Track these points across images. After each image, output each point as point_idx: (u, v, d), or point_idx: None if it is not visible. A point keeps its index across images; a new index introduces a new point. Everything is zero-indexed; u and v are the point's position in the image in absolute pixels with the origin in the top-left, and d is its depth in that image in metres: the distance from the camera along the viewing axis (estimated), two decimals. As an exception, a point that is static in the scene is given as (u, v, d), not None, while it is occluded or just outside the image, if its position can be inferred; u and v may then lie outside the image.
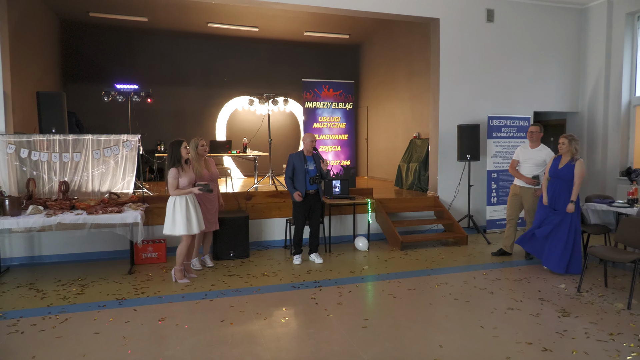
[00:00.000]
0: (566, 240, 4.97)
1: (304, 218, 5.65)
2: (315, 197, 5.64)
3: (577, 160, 4.98)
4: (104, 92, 7.90)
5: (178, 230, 4.69)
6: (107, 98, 7.88)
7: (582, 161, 4.99)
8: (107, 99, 7.89)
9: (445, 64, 7.51)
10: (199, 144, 5.23)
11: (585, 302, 4.20)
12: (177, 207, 4.69)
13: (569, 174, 4.96)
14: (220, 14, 9.48)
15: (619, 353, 3.16)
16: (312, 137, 5.63)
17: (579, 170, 4.93)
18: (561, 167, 5.05)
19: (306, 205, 5.60)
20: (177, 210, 4.69)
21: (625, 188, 7.04)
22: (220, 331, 3.58)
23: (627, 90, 7.83)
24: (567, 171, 4.98)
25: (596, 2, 8.01)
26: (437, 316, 3.92)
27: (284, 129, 11.95)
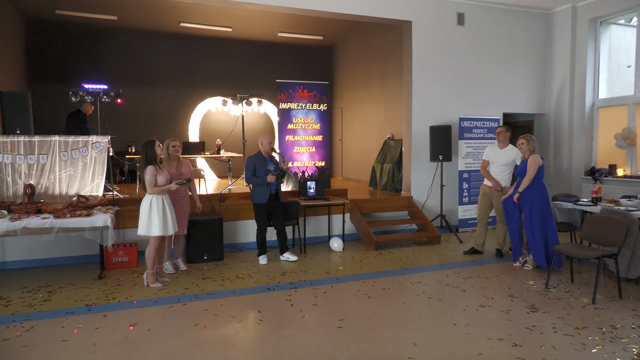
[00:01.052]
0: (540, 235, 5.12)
1: (265, 219, 5.70)
2: (276, 197, 5.71)
3: (531, 155, 5.16)
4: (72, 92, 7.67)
5: (154, 230, 4.60)
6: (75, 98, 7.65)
7: (535, 155, 5.17)
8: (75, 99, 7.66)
9: (417, 66, 7.63)
10: (170, 144, 5.16)
11: (552, 298, 4.34)
12: (154, 207, 4.60)
13: (525, 170, 5.15)
14: (193, 13, 9.35)
15: (585, 346, 3.28)
16: (270, 137, 5.72)
17: (530, 162, 5.12)
18: (521, 165, 5.29)
19: (268, 207, 5.66)
20: (153, 210, 4.60)
21: (589, 187, 7.31)
22: (194, 335, 3.53)
23: (590, 93, 8.13)
24: (524, 167, 5.19)
25: (561, 7, 8.29)
26: (411, 315, 3.97)
27: (258, 130, 11.88)
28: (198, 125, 11.44)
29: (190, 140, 11.07)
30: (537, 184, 5.16)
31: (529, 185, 5.15)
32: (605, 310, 4.00)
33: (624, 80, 8.08)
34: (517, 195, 5.19)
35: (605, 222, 4.50)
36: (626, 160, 7.61)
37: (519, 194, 5.17)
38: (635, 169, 7.49)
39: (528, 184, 5.12)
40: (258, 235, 5.73)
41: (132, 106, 10.56)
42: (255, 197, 5.65)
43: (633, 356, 3.11)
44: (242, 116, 8.43)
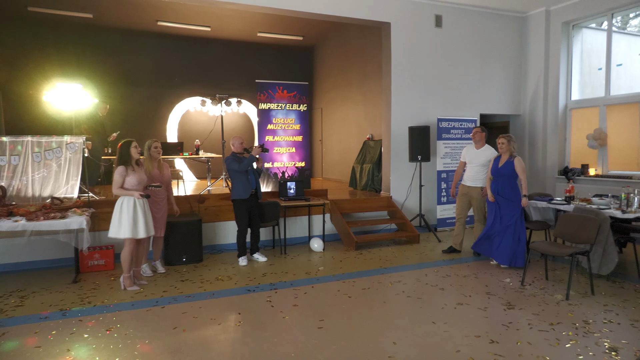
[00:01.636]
0: (512, 235, 5.25)
1: (247, 219, 5.70)
2: (255, 197, 5.72)
3: (515, 158, 5.28)
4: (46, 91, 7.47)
5: (123, 233, 4.52)
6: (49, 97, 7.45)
7: (519, 158, 5.30)
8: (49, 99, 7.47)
9: (396, 67, 7.70)
10: (152, 145, 5.08)
11: (528, 295, 4.43)
12: (124, 209, 4.52)
13: (509, 171, 5.26)
14: (170, 12, 9.23)
15: (559, 341, 3.36)
16: (240, 138, 5.74)
17: (519, 166, 5.24)
18: (501, 165, 5.35)
19: (248, 206, 5.66)
20: (123, 211, 4.52)
21: (563, 186, 7.50)
22: (173, 338, 3.48)
23: (563, 95, 8.35)
24: (508, 168, 5.28)
25: (535, 10, 8.49)
26: (391, 314, 4.00)
27: (237, 130, 11.80)
28: (176, 126, 11.29)
29: (168, 140, 10.91)
30: (516, 185, 5.29)
31: (510, 188, 5.27)
32: (578, 306, 4.11)
33: (595, 82, 8.32)
34: (525, 201, 5.23)
35: (578, 220, 4.63)
36: (597, 160, 7.84)
37: (525, 197, 5.23)
38: (606, 169, 7.72)
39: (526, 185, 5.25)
40: (239, 236, 5.70)
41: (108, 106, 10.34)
42: (235, 193, 5.61)
43: (605, 350, 3.20)
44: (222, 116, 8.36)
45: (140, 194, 4.57)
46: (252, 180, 5.69)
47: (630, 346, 3.26)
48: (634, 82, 7.64)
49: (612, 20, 7.62)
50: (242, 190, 5.59)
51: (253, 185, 5.69)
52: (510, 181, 5.30)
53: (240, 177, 5.58)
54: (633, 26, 8.81)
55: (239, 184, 5.60)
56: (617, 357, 3.10)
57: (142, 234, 4.62)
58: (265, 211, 6.07)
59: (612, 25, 7.62)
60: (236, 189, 5.62)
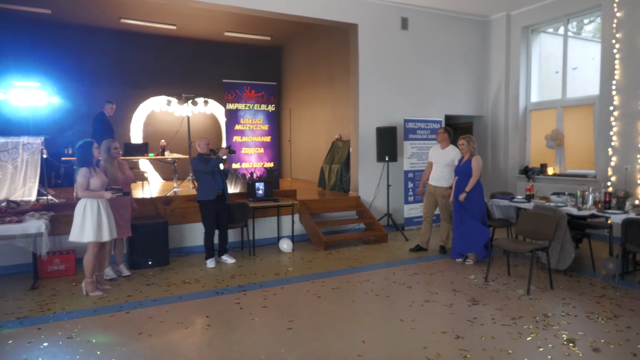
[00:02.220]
0: (477, 229, 5.40)
1: (214, 221, 5.64)
2: (222, 198, 5.67)
3: (474, 156, 5.43)
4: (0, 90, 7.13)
5: (87, 236, 4.37)
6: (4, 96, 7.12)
7: (478, 157, 5.47)
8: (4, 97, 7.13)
9: (364, 69, 7.78)
10: (111, 146, 4.93)
11: (491, 291, 4.57)
12: (88, 212, 4.37)
13: (468, 170, 5.42)
14: (134, 9, 9.00)
15: (520, 335, 3.49)
16: (206, 140, 5.69)
17: (475, 164, 5.41)
18: (462, 164, 5.53)
19: (215, 207, 5.60)
20: (87, 214, 4.37)
21: (523, 185, 7.78)
22: (139, 344, 3.39)
23: (523, 97, 8.66)
24: (466, 167, 5.44)
25: (497, 15, 8.77)
26: (360, 313, 4.04)
27: (205, 130, 11.62)
28: (141, 126, 11.00)
29: (132, 141, 10.62)
30: (477, 184, 5.45)
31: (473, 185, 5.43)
32: (538, 300, 4.28)
33: (553, 85, 8.67)
34: (463, 195, 5.41)
35: (537, 217, 4.81)
36: (555, 160, 8.17)
37: (465, 193, 5.40)
38: (563, 168, 8.06)
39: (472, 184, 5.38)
40: (207, 238, 5.62)
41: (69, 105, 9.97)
42: (202, 194, 5.53)
43: (563, 342, 3.35)
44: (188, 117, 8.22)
45: (112, 193, 4.44)
46: (219, 181, 5.62)
47: (587, 337, 3.42)
48: (588, 85, 8.00)
49: (568, 25, 7.97)
50: (208, 191, 5.52)
51: (220, 186, 5.62)
52: (468, 179, 5.45)
53: (206, 178, 5.51)
54: (587, 32, 9.24)
55: (206, 185, 5.52)
56: (575, 348, 3.25)
57: (107, 236, 4.48)
58: (234, 212, 6.01)
59: (568, 31, 7.97)
60: (202, 190, 5.54)
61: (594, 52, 7.91)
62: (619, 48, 6.76)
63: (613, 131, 6.86)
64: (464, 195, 5.41)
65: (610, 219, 4.92)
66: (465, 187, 5.43)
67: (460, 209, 5.54)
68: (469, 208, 5.45)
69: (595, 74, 7.36)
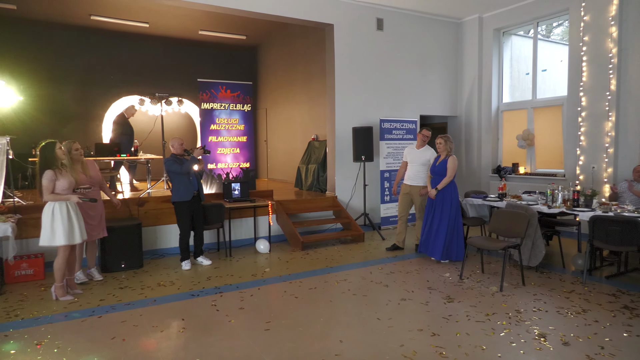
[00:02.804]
0: (446, 231, 5.49)
1: (189, 222, 5.57)
2: (197, 199, 5.60)
3: (450, 156, 5.52)
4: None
5: (58, 240, 4.23)
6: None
7: (454, 157, 5.57)
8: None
9: (340, 69, 7.80)
10: (72, 147, 4.74)
11: (466, 288, 4.65)
12: (57, 215, 4.23)
13: (443, 169, 5.51)
14: (105, 6, 8.77)
15: (494, 331, 3.56)
16: (180, 140, 5.62)
17: (451, 164, 5.50)
18: (438, 163, 5.60)
19: (190, 208, 5.53)
20: (56, 217, 4.23)
21: (496, 184, 7.95)
22: (111, 349, 3.31)
23: (495, 98, 8.85)
24: (442, 166, 5.53)
25: (469, 17, 8.94)
26: (337, 312, 4.05)
27: (179, 130, 11.44)
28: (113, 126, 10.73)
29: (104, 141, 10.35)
30: (451, 183, 5.54)
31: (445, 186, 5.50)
32: (511, 296, 4.38)
33: (524, 86, 8.90)
34: (433, 192, 5.51)
35: (509, 216, 4.92)
36: (526, 159, 8.39)
37: (436, 190, 5.50)
38: (534, 167, 8.28)
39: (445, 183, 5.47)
40: (182, 239, 5.53)
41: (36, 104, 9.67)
42: (177, 195, 5.44)
43: (534, 337, 3.43)
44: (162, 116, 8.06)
45: (80, 198, 4.32)
46: (194, 181, 5.54)
47: (557, 332, 3.52)
48: (557, 86, 8.25)
49: (538, 28, 8.19)
50: (183, 192, 5.43)
51: (195, 186, 5.54)
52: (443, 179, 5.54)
53: (181, 179, 5.42)
54: (556, 34, 9.52)
55: (180, 186, 5.43)
56: (546, 342, 3.34)
57: (78, 239, 4.36)
58: (209, 213, 5.93)
59: (538, 33, 8.19)
60: (177, 191, 5.45)
61: (563, 55, 8.16)
62: (585, 51, 6.99)
63: (581, 131, 7.09)
64: (434, 192, 5.50)
65: (578, 216, 5.08)
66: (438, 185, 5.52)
67: (433, 209, 5.62)
68: (441, 208, 5.54)
69: (564, 76, 7.59)
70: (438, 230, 5.54)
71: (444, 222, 5.51)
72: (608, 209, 4.93)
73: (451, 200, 5.54)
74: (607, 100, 6.73)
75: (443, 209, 5.53)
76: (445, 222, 5.50)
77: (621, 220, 4.47)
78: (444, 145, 5.58)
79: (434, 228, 5.59)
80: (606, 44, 6.72)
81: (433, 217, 5.61)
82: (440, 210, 5.54)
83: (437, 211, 5.56)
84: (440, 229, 5.52)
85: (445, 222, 5.50)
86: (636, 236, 4.36)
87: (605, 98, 6.74)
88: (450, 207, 5.52)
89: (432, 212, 5.64)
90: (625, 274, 5.09)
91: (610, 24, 6.66)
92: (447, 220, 5.51)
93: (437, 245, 5.55)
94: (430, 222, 5.65)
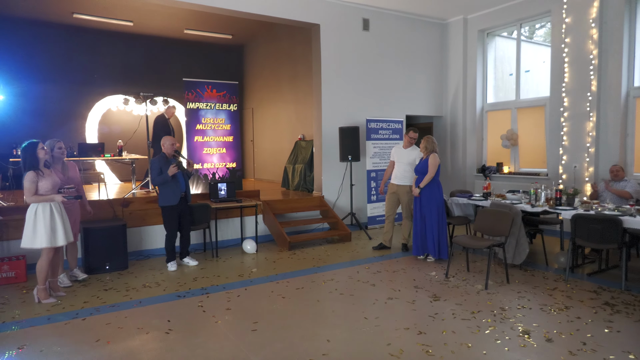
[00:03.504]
0: (437, 229, 5.55)
1: (176, 223, 5.52)
2: (184, 200, 5.56)
3: (431, 154, 5.58)
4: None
5: (39, 242, 4.16)
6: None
7: (435, 155, 5.60)
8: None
9: (326, 69, 7.81)
10: (55, 146, 4.70)
11: (452, 286, 4.70)
12: (40, 216, 4.16)
13: (425, 168, 5.56)
14: (88, 4, 8.64)
15: (479, 328, 3.60)
16: (172, 140, 5.60)
17: (432, 161, 5.55)
18: (420, 163, 5.68)
19: (177, 210, 5.48)
20: (39, 219, 4.15)
21: (481, 183, 8.05)
22: (96, 352, 3.27)
23: (480, 98, 8.96)
24: (423, 165, 5.59)
25: (454, 18, 9.02)
26: (325, 312, 4.06)
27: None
28: (97, 126, 10.58)
29: (87, 141, 10.20)
30: (435, 182, 5.59)
31: (429, 185, 5.55)
32: (495, 294, 4.44)
33: (507, 87, 9.02)
34: (417, 190, 5.56)
35: (494, 214, 4.99)
36: (510, 159, 8.51)
37: (419, 189, 5.55)
38: (517, 166, 8.40)
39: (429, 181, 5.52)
40: (168, 241, 5.48)
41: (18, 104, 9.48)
42: (163, 200, 5.39)
43: (519, 334, 3.49)
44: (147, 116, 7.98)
45: (64, 197, 4.25)
46: (182, 182, 5.49)
47: (541, 328, 3.58)
48: (540, 87, 8.38)
49: (521, 30, 8.31)
50: (170, 196, 5.38)
51: (182, 188, 5.49)
52: None
53: (168, 182, 5.37)
54: (539, 36, 9.67)
55: (168, 190, 5.37)
56: (529, 339, 3.39)
57: (62, 241, 4.28)
58: (196, 214, 5.89)
59: (521, 35, 8.31)
60: (164, 195, 5.39)
61: (545, 56, 8.29)
62: (567, 52, 7.12)
63: (563, 131, 7.21)
64: (417, 190, 5.56)
65: (561, 214, 5.17)
66: (424, 186, 5.56)
67: (419, 208, 5.67)
68: (427, 207, 5.59)
69: (546, 77, 7.72)
70: (428, 230, 5.59)
71: (433, 220, 5.56)
72: (589, 207, 5.03)
73: (437, 199, 5.59)
74: (588, 100, 6.86)
75: (430, 208, 5.58)
76: (434, 221, 5.56)
77: (602, 218, 4.56)
78: (423, 146, 5.65)
79: (425, 228, 5.64)
80: (587, 46, 6.85)
81: (421, 217, 5.65)
82: (428, 210, 5.58)
83: (424, 211, 5.61)
84: (430, 228, 5.57)
85: (435, 221, 5.56)
86: (616, 234, 4.46)
87: (587, 99, 6.87)
88: (437, 206, 5.58)
89: (420, 213, 5.67)
90: (606, 271, 5.20)
91: (590, 26, 6.79)
92: (436, 218, 5.57)
93: (430, 244, 5.62)
94: (419, 223, 5.69)
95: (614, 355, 3.11)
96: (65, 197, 4.29)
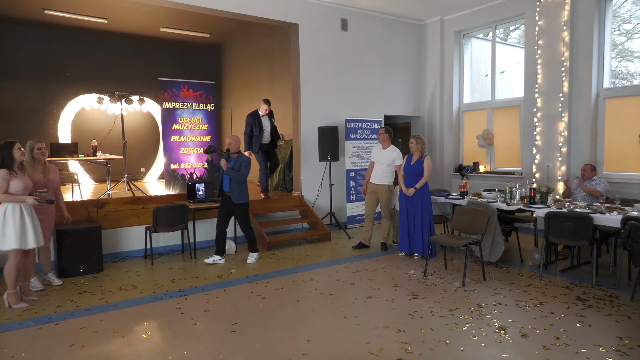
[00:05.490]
0: (428, 227, 5.65)
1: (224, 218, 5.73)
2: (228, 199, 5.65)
3: (425, 157, 5.65)
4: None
5: (9, 244, 4.02)
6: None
7: (429, 158, 5.71)
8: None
9: (305, 68, 7.81)
10: (35, 146, 4.56)
11: (430, 284, 4.76)
12: (9, 217, 4.02)
13: (420, 169, 5.62)
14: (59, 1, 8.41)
15: (457, 325, 3.66)
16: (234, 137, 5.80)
17: (427, 164, 5.62)
18: (413, 163, 5.71)
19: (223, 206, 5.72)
20: (8, 220, 4.02)
21: (458, 182, 8.18)
22: (70, 357, 3.18)
23: (457, 98, 9.10)
24: (418, 167, 5.64)
25: (431, 19, 9.14)
26: (305, 312, 4.05)
27: (140, 130, 11.12)
28: (70, 125, 10.31)
29: (60, 141, 9.93)
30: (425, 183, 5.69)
31: None
32: (472, 291, 4.51)
33: (483, 87, 9.19)
34: (412, 190, 5.60)
35: (470, 213, 5.07)
36: (486, 158, 8.67)
37: (414, 189, 5.59)
38: (493, 166, 8.56)
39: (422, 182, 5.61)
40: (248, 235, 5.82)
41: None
42: (244, 197, 5.65)
43: (495, 330, 3.55)
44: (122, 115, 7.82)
45: (35, 199, 4.12)
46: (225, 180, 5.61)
47: (516, 324, 3.66)
48: (515, 88, 8.57)
49: (496, 31, 8.47)
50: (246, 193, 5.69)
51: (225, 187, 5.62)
52: (419, 178, 5.65)
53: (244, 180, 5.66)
54: (513, 38, 9.88)
55: (245, 187, 5.66)
56: (505, 335, 3.46)
57: (32, 243, 4.15)
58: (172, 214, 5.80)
59: (496, 36, 8.47)
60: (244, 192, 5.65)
61: (519, 57, 8.48)
62: (540, 54, 7.29)
63: (536, 131, 7.39)
64: (412, 191, 5.60)
65: (534, 212, 5.29)
66: (415, 184, 5.63)
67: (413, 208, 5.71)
68: (421, 206, 5.65)
69: (520, 78, 7.90)
70: (419, 228, 5.67)
71: (425, 219, 5.64)
72: (562, 205, 5.16)
73: (427, 199, 5.68)
74: (560, 101, 7.04)
75: (423, 207, 5.65)
76: (426, 219, 5.65)
77: (574, 216, 4.69)
78: (415, 145, 5.70)
79: (415, 226, 5.69)
80: (559, 48, 7.03)
81: (414, 215, 5.69)
82: (421, 209, 5.65)
83: (417, 209, 5.67)
84: (422, 226, 5.65)
85: (427, 219, 5.65)
86: (587, 231, 4.59)
87: (558, 99, 7.06)
88: (427, 206, 5.67)
89: (411, 211, 5.71)
90: (578, 267, 5.35)
91: (562, 29, 6.97)
92: (428, 217, 5.65)
93: (418, 242, 5.70)
94: (408, 220, 5.74)
95: (585, 348, 3.20)
96: (37, 199, 4.16)
